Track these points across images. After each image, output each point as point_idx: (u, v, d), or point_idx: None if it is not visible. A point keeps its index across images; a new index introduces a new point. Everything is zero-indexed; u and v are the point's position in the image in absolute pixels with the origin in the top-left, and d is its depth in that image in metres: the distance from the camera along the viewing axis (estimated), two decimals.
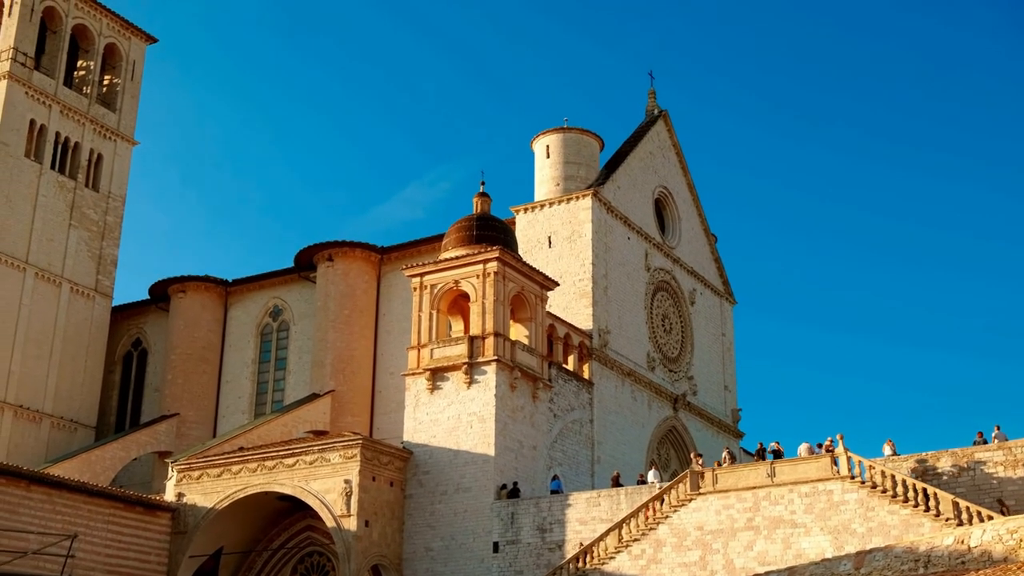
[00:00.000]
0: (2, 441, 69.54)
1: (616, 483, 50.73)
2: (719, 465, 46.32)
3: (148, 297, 79.09)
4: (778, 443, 46.48)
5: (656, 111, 74.03)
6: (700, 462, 46.47)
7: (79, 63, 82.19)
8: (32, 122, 76.49)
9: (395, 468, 52.54)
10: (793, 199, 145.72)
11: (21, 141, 75.37)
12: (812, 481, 42.36)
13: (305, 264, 72.81)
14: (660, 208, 72.64)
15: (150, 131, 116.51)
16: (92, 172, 79.78)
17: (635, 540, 45.05)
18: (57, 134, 77.91)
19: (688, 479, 45.21)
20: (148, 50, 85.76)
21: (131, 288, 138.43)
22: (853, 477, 41.57)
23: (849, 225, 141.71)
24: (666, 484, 46.56)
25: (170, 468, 56.41)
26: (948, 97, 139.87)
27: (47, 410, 73.32)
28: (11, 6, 77.55)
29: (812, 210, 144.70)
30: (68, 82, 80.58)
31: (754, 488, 43.50)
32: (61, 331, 75.20)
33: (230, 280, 76.64)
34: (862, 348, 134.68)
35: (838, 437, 42.60)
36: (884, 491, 40.65)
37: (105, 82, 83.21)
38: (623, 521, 45.71)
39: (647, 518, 45.36)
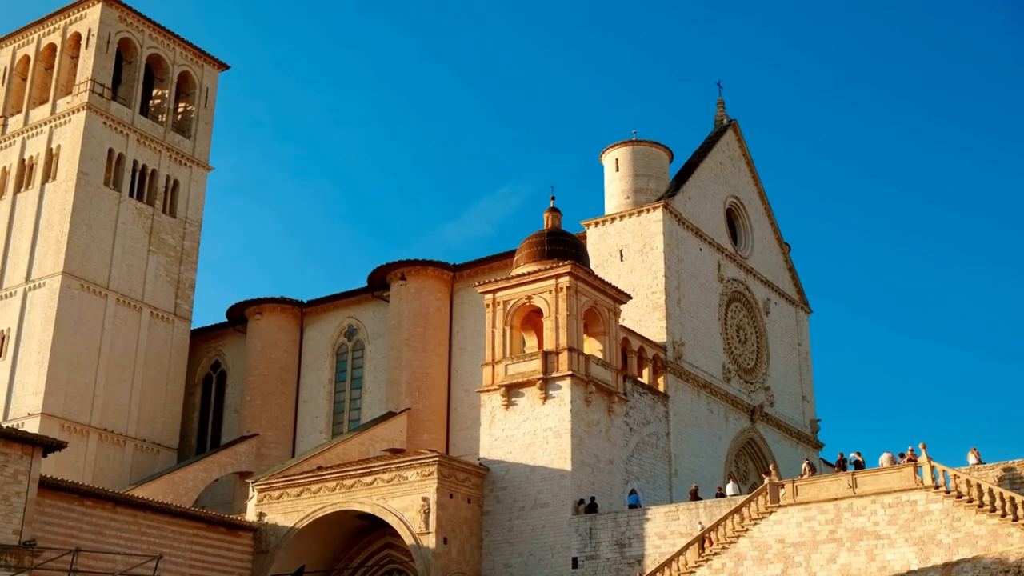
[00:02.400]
0: (88, 464, 70.91)
1: (694, 496, 50.34)
2: (791, 476, 45.75)
3: (226, 320, 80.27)
4: (859, 453, 45.78)
5: (725, 120, 73.57)
6: (776, 473, 45.93)
7: (154, 92, 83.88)
8: (111, 151, 78.16)
9: (472, 485, 52.64)
10: (866, 202, 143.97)
11: (100, 170, 77.05)
12: (895, 491, 41.66)
13: (378, 283, 73.40)
14: (732, 218, 72.10)
15: (224, 156, 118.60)
16: (169, 198, 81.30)
17: (715, 554, 44.62)
18: (135, 162, 79.52)
19: (768, 491, 44.70)
20: (220, 77, 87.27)
21: (209, 311, 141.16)
22: (937, 487, 40.81)
23: (926, 226, 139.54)
24: (745, 497, 46.10)
25: (251, 488, 57.10)
26: None
27: (130, 433, 74.69)
28: (88, 39, 79.41)
29: (887, 213, 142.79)
30: (144, 111, 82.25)
31: (835, 499, 42.89)
32: (142, 355, 76.60)
33: (305, 301, 77.50)
34: (943, 354, 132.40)
35: (920, 446, 41.87)
36: (970, 500, 39.82)
37: (179, 110, 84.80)
38: (702, 535, 45.31)
39: (727, 531, 44.92)
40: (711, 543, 44.85)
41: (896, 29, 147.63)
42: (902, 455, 43.48)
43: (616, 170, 66.70)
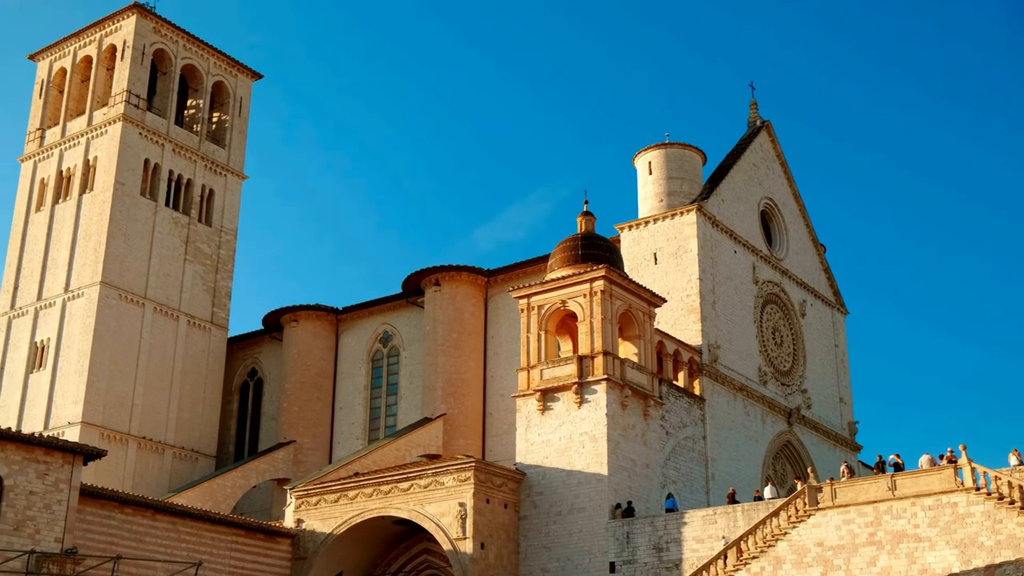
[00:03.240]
0: (127, 472, 71.53)
1: (732, 500, 50.09)
2: (834, 479, 45.43)
3: (262, 327, 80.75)
4: (898, 455, 45.43)
5: (758, 122, 73.26)
6: (814, 476, 45.66)
7: (189, 102, 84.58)
8: (146, 161, 78.87)
9: (509, 490, 52.65)
10: (902, 201, 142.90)
11: (137, 180, 77.75)
12: (935, 494, 41.31)
13: (413, 289, 73.60)
14: (766, 220, 71.77)
15: (258, 164, 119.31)
16: (204, 207, 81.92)
17: (754, 557, 44.41)
18: (170, 172, 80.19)
19: (806, 494, 44.44)
20: (254, 86, 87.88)
21: (245, 319, 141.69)
22: (978, 488, 40.42)
23: (962, 226, 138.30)
24: (783, 500, 45.84)
25: (288, 495, 57.39)
26: None
27: (169, 441, 75.26)
28: (123, 51, 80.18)
29: (923, 212, 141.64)
30: (179, 121, 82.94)
31: (875, 502, 42.59)
32: (180, 363, 77.20)
33: (340, 308, 77.83)
34: (982, 355, 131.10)
35: (961, 448, 41.50)
36: (1012, 502, 39.42)
37: (214, 119, 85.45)
38: (741, 538, 45.12)
39: (765, 535, 44.69)
40: (739, 553, 44.62)
41: (932, 25, 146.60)
42: (942, 456, 43.12)
43: (649, 173, 66.57)
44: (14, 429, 48.76)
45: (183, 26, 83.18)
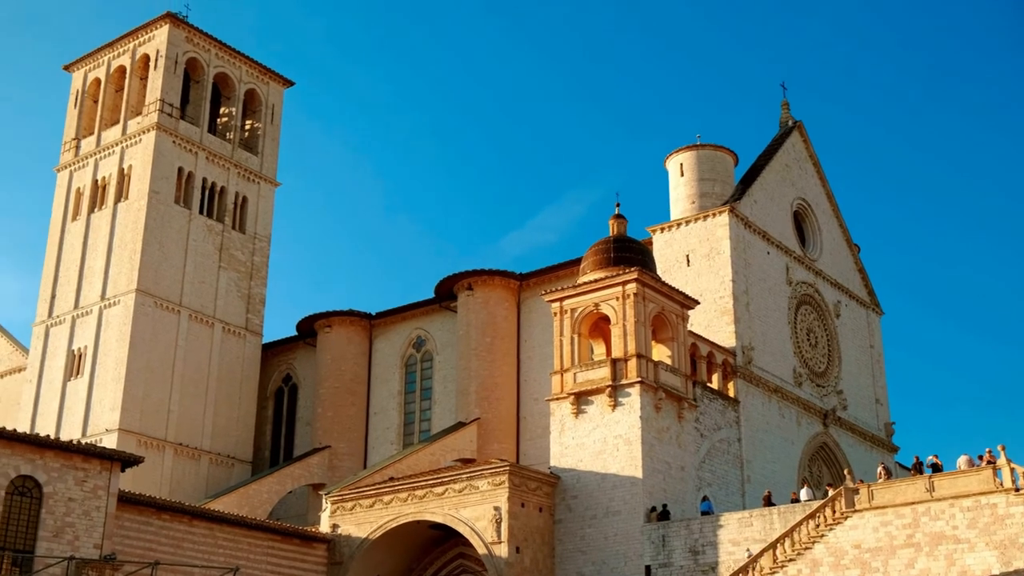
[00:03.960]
0: (164, 478, 72.02)
1: (768, 502, 49.85)
2: (866, 480, 45.13)
3: (296, 333, 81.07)
4: (936, 456, 45.08)
5: (790, 122, 72.91)
6: (850, 478, 45.37)
7: (221, 110, 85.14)
8: (180, 170, 79.45)
9: (543, 493, 52.62)
10: (937, 200, 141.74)
11: (171, 188, 78.34)
12: (974, 495, 40.95)
13: (445, 294, 73.72)
14: (799, 221, 71.39)
15: (290, 171, 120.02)
16: (238, 215, 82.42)
17: (790, 560, 44.18)
18: (204, 180, 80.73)
19: (843, 496, 44.17)
20: (286, 93, 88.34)
21: (279, 325, 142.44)
22: (1018, 489, 40.04)
23: (998, 225, 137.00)
24: (820, 502, 45.57)
25: (324, 500, 57.62)
26: None
27: (205, 447, 75.74)
28: (156, 60, 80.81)
29: (959, 211, 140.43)
30: (212, 129, 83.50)
31: (913, 504, 42.27)
32: (215, 370, 77.67)
33: (373, 313, 78.05)
34: (1021, 355, 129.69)
35: (999, 448, 41.12)
36: None
37: (246, 127, 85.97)
38: (777, 541, 44.89)
39: (802, 537, 44.43)
40: (775, 556, 44.40)
41: (968, 22, 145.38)
42: (980, 457, 42.75)
43: (681, 175, 66.37)
44: (52, 436, 49.35)
45: (215, 35, 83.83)
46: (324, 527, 56.22)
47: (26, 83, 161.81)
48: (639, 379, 52.24)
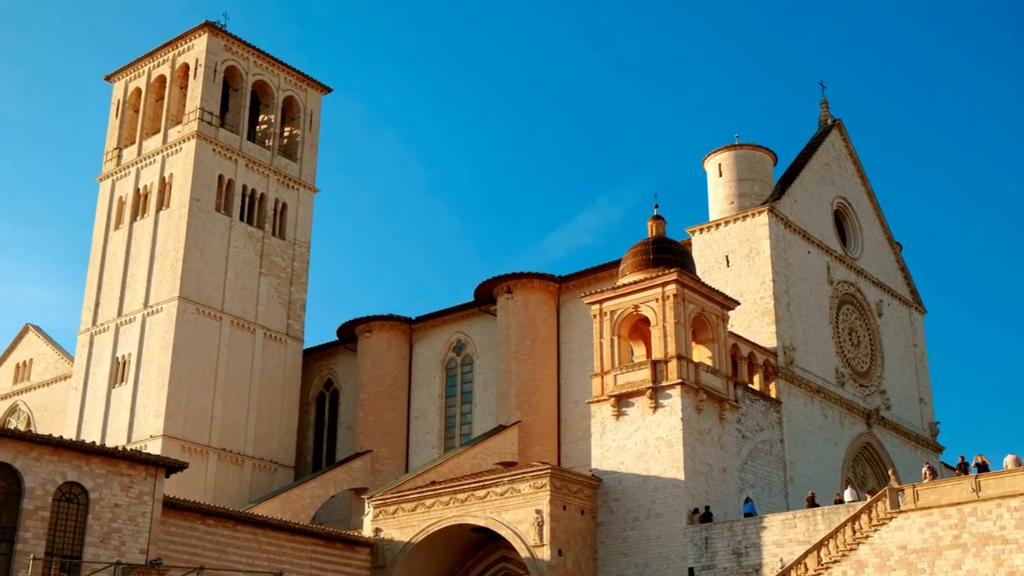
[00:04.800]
0: (208, 483, 72.55)
1: (811, 503, 49.50)
2: (911, 481, 44.70)
3: (337, 338, 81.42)
4: (982, 456, 44.57)
5: (830, 120, 72.41)
6: (895, 478, 44.98)
7: (260, 117, 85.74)
8: (220, 177, 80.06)
9: (585, 496, 52.54)
10: (980, 197, 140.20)
11: (212, 196, 78.97)
12: (1021, 494, 40.45)
13: (485, 298, 73.81)
14: (840, 219, 70.87)
15: (329, 177, 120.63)
16: (278, 221, 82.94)
17: (835, 562, 43.86)
18: (244, 187, 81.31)
19: (887, 497, 43.80)
20: (324, 99, 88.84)
21: (320, 330, 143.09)
22: None
23: None
24: (864, 503, 45.20)
25: (366, 504, 57.84)
26: None
27: (248, 452, 76.23)
28: (196, 69, 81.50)
29: (1002, 207, 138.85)
30: (251, 136, 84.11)
31: (959, 504, 41.84)
32: (257, 375, 78.18)
33: (413, 317, 78.30)
34: None
35: None
36: None
37: (285, 134, 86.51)
38: (821, 542, 44.57)
39: (846, 539, 44.10)
40: (820, 558, 44.06)
41: (1007, 16, 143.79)
42: None
43: (719, 175, 66.09)
44: (98, 443, 49.90)
45: (253, 43, 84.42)
46: (367, 531, 56.42)
47: (68, 94, 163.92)
48: (680, 380, 52.06)
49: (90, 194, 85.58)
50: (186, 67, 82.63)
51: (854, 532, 44.06)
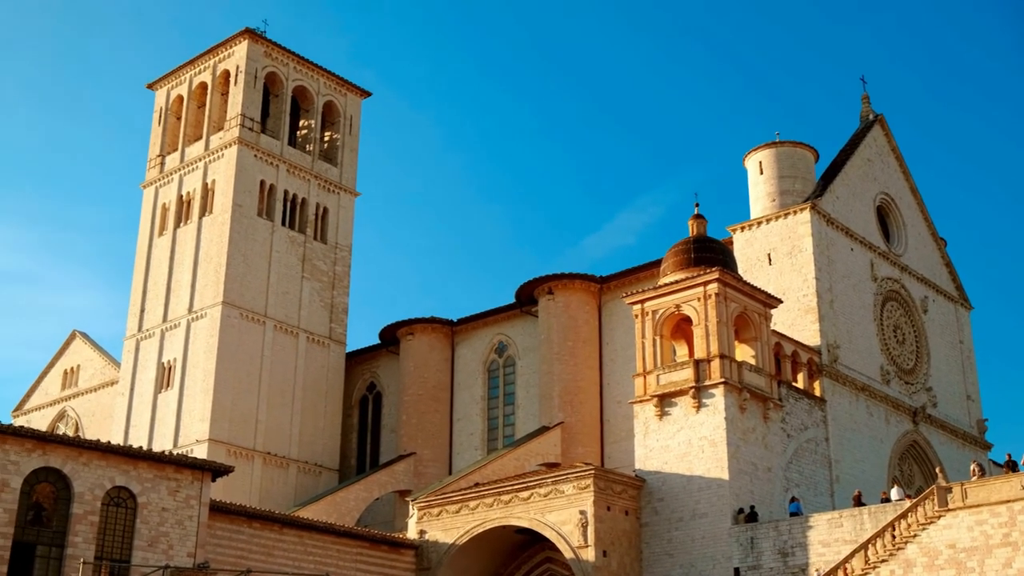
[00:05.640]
0: (254, 487, 73.08)
1: (858, 502, 49.08)
2: (959, 479, 44.21)
3: (379, 341, 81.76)
4: None
5: (871, 116, 71.79)
6: (943, 476, 44.51)
7: (301, 122, 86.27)
8: (262, 183, 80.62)
9: (629, 497, 52.43)
10: None
11: (253, 202, 79.54)
12: None
13: (526, 299, 73.82)
14: (883, 216, 70.25)
15: (369, 180, 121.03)
16: (319, 225, 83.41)
17: (882, 561, 43.46)
18: (285, 192, 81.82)
19: (935, 495, 43.33)
20: (363, 104, 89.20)
21: (362, 334, 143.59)
22: None
23: None
24: (912, 501, 44.77)
25: (411, 506, 58.00)
26: None
27: (293, 455, 76.71)
28: (236, 76, 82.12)
29: None
30: (292, 141, 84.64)
31: (1008, 502, 41.31)
32: (301, 379, 78.65)
33: (455, 320, 78.46)
34: None
35: None
36: None
37: (325, 138, 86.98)
38: (868, 542, 44.19)
39: (894, 538, 43.70)
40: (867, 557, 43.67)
41: None
42: None
43: (760, 173, 65.72)
44: (145, 448, 50.37)
45: (293, 48, 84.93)
46: (411, 533, 56.60)
47: (112, 103, 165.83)
48: (723, 380, 51.83)
49: (134, 201, 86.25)
50: (227, 74, 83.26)
51: (902, 531, 43.65)
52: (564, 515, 51.22)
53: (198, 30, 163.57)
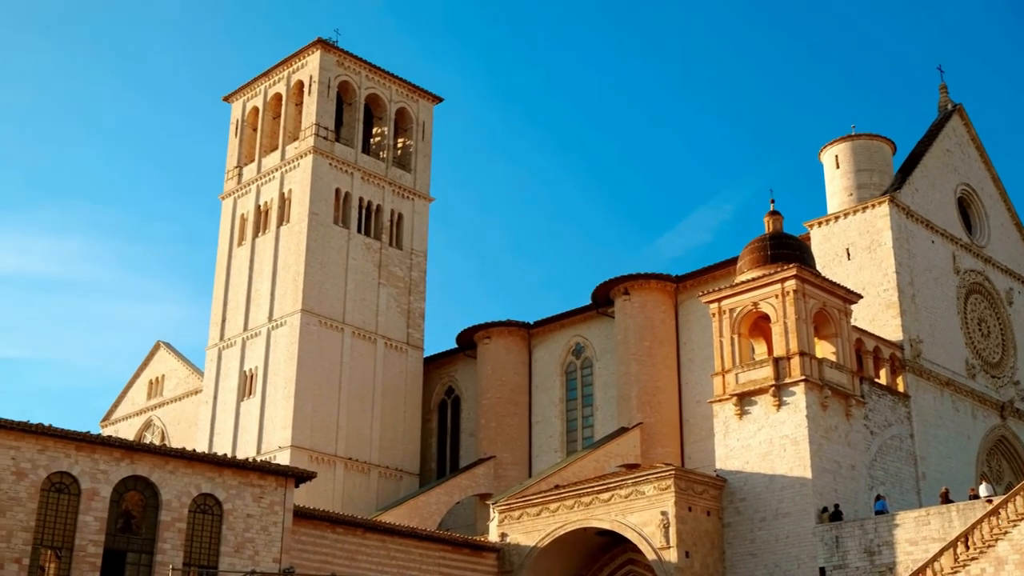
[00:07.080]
0: (336, 492, 73.82)
1: (945, 499, 48.22)
2: None
3: (456, 346, 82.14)
4: None
5: (950, 106, 70.52)
6: None
7: (374, 130, 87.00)
8: (337, 191, 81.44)
9: (710, 497, 52.07)
10: None
11: (329, 210, 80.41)
12: None
13: (602, 300, 73.66)
14: (964, 207, 68.94)
15: (443, 185, 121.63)
16: (394, 231, 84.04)
17: (972, 559, 42.61)
18: (360, 199, 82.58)
19: None
20: (435, 109, 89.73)
21: (439, 338, 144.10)
22: None
23: None
24: (1001, 498, 43.86)
25: (491, 509, 58.19)
26: None
27: (374, 460, 77.35)
28: (310, 86, 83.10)
29: None
30: (365, 149, 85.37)
31: None
32: (379, 385, 79.26)
33: (531, 322, 78.53)
34: None
35: None
36: None
37: (398, 145, 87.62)
38: (958, 539, 43.37)
39: (984, 535, 42.83)
40: (957, 555, 42.84)
41: None
42: None
43: (837, 167, 64.90)
44: (229, 455, 51.20)
45: (364, 57, 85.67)
46: (493, 536, 56.78)
47: (189, 115, 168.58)
48: (803, 377, 51.26)
49: (214, 212, 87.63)
50: (301, 84, 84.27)
51: (992, 528, 42.78)
52: (645, 516, 51.03)
53: (271, 41, 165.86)
